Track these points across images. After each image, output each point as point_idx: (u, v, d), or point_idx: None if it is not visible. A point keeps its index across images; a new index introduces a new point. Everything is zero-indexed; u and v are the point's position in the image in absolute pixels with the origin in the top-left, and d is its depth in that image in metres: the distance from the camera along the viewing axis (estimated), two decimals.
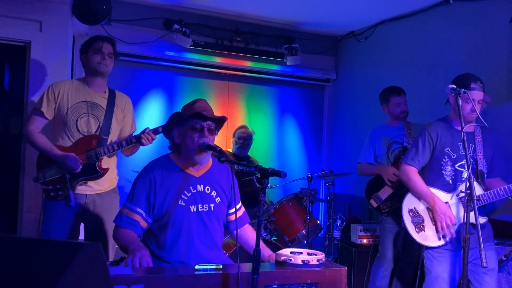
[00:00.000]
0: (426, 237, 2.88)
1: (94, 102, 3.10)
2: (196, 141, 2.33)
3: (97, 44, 3.08)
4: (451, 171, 2.84)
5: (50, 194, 3.01)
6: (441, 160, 2.86)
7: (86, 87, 3.11)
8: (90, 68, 3.10)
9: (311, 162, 5.81)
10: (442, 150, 2.85)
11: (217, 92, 5.40)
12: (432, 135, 2.89)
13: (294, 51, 5.32)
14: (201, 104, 2.42)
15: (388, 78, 4.91)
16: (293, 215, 3.98)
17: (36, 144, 3.01)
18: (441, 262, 2.83)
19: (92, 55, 3.07)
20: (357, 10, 4.81)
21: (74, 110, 3.04)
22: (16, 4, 3.73)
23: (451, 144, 2.85)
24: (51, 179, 3.00)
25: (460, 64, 4.14)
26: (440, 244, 2.83)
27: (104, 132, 3.10)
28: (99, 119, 3.09)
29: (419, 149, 2.92)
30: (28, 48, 3.81)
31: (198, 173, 2.43)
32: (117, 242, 2.34)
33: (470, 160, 2.48)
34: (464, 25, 4.14)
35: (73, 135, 3.03)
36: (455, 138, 2.85)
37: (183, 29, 4.78)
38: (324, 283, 2.09)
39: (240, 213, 2.61)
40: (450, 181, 2.85)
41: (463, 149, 2.75)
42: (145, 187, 2.34)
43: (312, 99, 5.94)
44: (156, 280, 1.86)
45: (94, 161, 3.03)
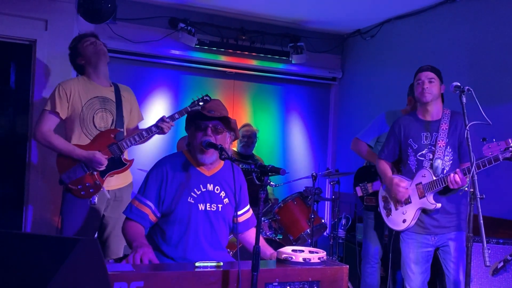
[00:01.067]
0: (392, 221, 3.12)
1: (105, 96, 3.15)
2: (199, 139, 2.34)
3: (82, 39, 3.18)
4: (413, 161, 3.00)
5: (81, 193, 3.01)
6: (406, 151, 3.04)
7: (92, 82, 3.15)
8: (90, 59, 3.14)
9: (317, 160, 5.79)
10: (406, 141, 3.04)
11: (223, 91, 5.41)
12: (395, 128, 3.10)
13: (299, 50, 5.31)
14: (211, 104, 2.46)
15: (394, 77, 4.89)
16: (297, 213, 3.98)
17: (55, 145, 3.01)
18: (408, 244, 3.03)
19: (85, 49, 3.13)
20: (363, 8, 4.80)
21: (89, 107, 3.08)
22: (22, 3, 3.75)
23: (414, 135, 3.01)
24: (78, 178, 3.01)
25: (466, 62, 4.11)
26: (403, 228, 3.02)
27: (119, 125, 3.16)
28: (112, 113, 3.15)
29: (386, 143, 3.17)
30: (33, 46, 3.83)
31: (209, 172, 2.44)
32: (124, 236, 2.35)
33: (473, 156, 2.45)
34: (470, 23, 4.12)
35: (91, 132, 3.07)
36: (418, 128, 3.01)
37: (189, 28, 4.79)
38: (326, 281, 2.07)
39: (247, 216, 2.62)
40: (414, 170, 3.01)
41: (425, 139, 2.98)
42: (157, 181, 2.37)
43: (318, 98, 5.93)
44: (156, 277, 1.85)
45: (118, 154, 3.08)
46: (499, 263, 3.09)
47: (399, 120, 3.12)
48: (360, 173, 3.84)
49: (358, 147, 3.79)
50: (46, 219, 3.78)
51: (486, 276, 3.11)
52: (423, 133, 2.99)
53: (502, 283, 3.10)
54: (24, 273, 1.33)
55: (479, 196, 2.33)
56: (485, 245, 2.22)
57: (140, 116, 3.43)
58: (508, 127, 3.63)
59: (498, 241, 3.16)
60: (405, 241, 3.06)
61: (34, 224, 3.77)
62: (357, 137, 3.81)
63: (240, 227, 2.55)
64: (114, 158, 3.08)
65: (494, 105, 3.19)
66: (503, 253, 3.12)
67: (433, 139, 2.96)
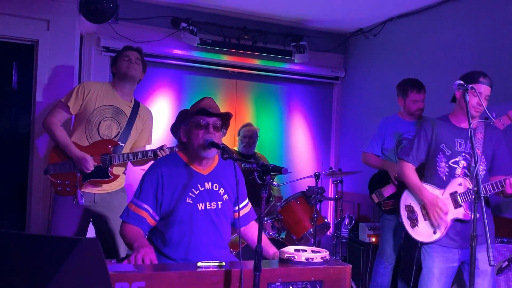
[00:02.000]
0: (419, 233, 2.92)
1: (120, 108, 3.20)
2: (201, 137, 2.33)
3: (124, 52, 3.25)
4: (445, 167, 2.85)
5: (58, 188, 3.08)
6: (436, 156, 2.88)
7: (114, 92, 3.22)
8: (119, 73, 3.22)
9: (320, 160, 5.77)
10: (437, 146, 2.87)
11: (225, 90, 5.40)
12: (427, 132, 2.92)
13: (302, 49, 5.29)
14: (207, 102, 2.43)
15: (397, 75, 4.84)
16: (300, 213, 3.96)
17: (56, 136, 3.08)
18: (433, 258, 2.85)
19: (120, 63, 3.21)
20: (366, 7, 4.78)
21: (100, 112, 3.13)
22: (24, 3, 3.75)
23: (447, 141, 2.86)
24: (62, 174, 3.06)
25: (470, 61, 4.09)
26: (433, 240, 2.84)
27: (122, 139, 3.18)
28: (120, 125, 3.18)
29: (414, 145, 2.96)
30: (35, 47, 3.84)
31: (206, 170, 2.44)
32: (123, 238, 2.35)
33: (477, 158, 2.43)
34: (474, 21, 4.10)
35: (93, 136, 3.11)
36: (453, 134, 2.86)
37: (191, 28, 4.78)
38: (328, 281, 2.07)
39: (246, 210, 2.62)
40: (444, 177, 2.86)
41: (459, 146, 2.82)
42: (152, 184, 2.35)
43: (321, 97, 5.91)
44: (158, 277, 1.85)
45: (107, 165, 3.10)
46: (503, 262, 3.08)
47: (431, 122, 2.96)
48: (373, 180, 3.89)
49: (367, 160, 3.88)
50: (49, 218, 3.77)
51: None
52: (457, 139, 2.85)
53: (507, 282, 3.09)
54: (25, 273, 1.32)
55: (483, 195, 2.31)
56: (490, 244, 2.20)
57: (149, 140, 3.46)
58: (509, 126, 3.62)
59: (502, 240, 3.16)
60: (429, 254, 2.88)
61: (37, 225, 3.78)
62: (364, 151, 3.91)
63: (241, 221, 2.55)
64: (101, 167, 3.10)
65: (497, 104, 3.16)
66: (508, 252, 3.12)
67: (468, 147, 2.82)
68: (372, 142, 3.85)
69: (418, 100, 3.71)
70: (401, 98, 3.79)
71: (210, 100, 2.47)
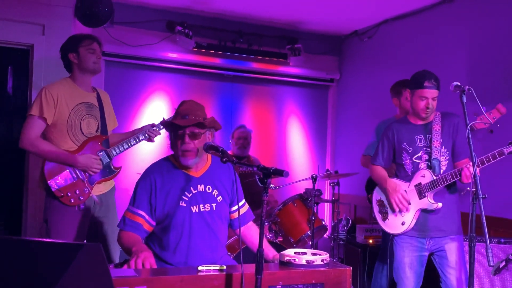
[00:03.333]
0: (389, 225, 3.06)
1: (90, 102, 3.10)
2: (179, 147, 2.36)
3: (88, 43, 3.06)
4: (409, 164, 2.99)
5: (70, 201, 2.93)
6: (401, 155, 3.02)
7: (77, 87, 3.08)
8: (85, 68, 3.06)
9: (316, 162, 5.79)
10: (400, 145, 3.02)
11: (221, 93, 5.41)
12: (388, 134, 3.08)
13: (297, 52, 5.31)
14: (185, 108, 2.41)
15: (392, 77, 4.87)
16: (297, 216, 3.97)
17: (44, 152, 2.92)
18: (402, 248, 2.98)
19: (86, 54, 3.05)
20: (360, 9, 4.80)
21: (76, 113, 3.02)
22: (19, 8, 3.75)
23: (407, 139, 3.00)
24: (67, 185, 2.94)
25: (464, 62, 4.12)
26: (402, 231, 2.97)
27: (103, 131, 3.13)
28: (97, 118, 3.11)
29: (379, 149, 3.14)
30: (31, 51, 3.84)
31: (198, 173, 2.44)
32: (121, 245, 2.35)
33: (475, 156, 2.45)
34: (468, 23, 4.13)
35: (78, 138, 3.01)
36: (411, 132, 3.01)
37: (186, 31, 4.78)
38: (329, 283, 2.07)
39: (243, 210, 2.61)
40: (410, 173, 2.99)
41: (419, 142, 2.96)
42: (145, 190, 2.36)
43: (316, 100, 5.93)
44: (159, 282, 1.85)
45: (108, 161, 3.07)
46: (501, 263, 3.10)
47: (391, 126, 3.11)
48: (371, 181, 3.88)
49: (366, 162, 3.87)
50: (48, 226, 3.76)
51: (488, 276, 3.12)
52: (416, 136, 2.98)
53: (504, 282, 3.11)
54: (29, 279, 1.33)
55: (481, 196, 2.33)
56: (489, 245, 2.21)
57: (115, 122, 3.38)
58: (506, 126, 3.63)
59: (500, 241, 3.17)
60: (399, 244, 3.02)
61: (33, 231, 3.76)
62: (363, 154, 3.94)
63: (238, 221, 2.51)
64: (103, 164, 3.05)
65: (493, 105, 3.18)
66: (505, 253, 3.13)
67: (427, 141, 2.96)
68: (372, 146, 3.83)
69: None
70: (396, 99, 3.81)
71: (187, 104, 2.44)
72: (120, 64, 4.73)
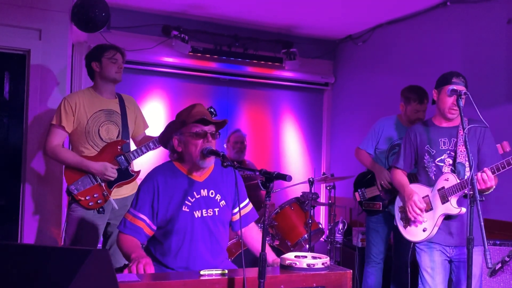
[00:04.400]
0: (410, 232, 2.96)
1: (110, 109, 3.19)
2: (199, 147, 2.32)
3: (111, 53, 3.19)
4: (432, 167, 2.91)
5: (89, 204, 3.05)
6: (423, 158, 2.95)
7: (98, 95, 3.20)
8: (106, 77, 3.18)
9: (311, 166, 5.82)
10: (423, 148, 2.95)
11: (217, 97, 5.43)
12: (411, 137, 3.02)
13: (292, 56, 5.35)
14: (199, 109, 2.40)
15: (386, 81, 4.94)
16: (295, 219, 3.98)
17: (64, 159, 3.07)
18: (427, 254, 2.89)
19: (108, 64, 3.16)
20: (354, 14, 4.85)
21: (94, 120, 3.12)
22: (15, 13, 3.73)
23: (430, 141, 2.93)
24: (86, 189, 3.05)
25: (458, 66, 4.14)
26: (423, 238, 2.88)
27: (125, 136, 3.20)
28: (118, 124, 3.19)
29: (401, 152, 3.07)
30: (27, 56, 3.81)
31: (201, 177, 2.43)
32: (120, 248, 2.34)
33: (472, 160, 2.48)
34: (462, 27, 4.18)
35: (97, 143, 3.11)
36: (435, 134, 2.93)
37: (182, 35, 4.80)
38: (330, 286, 2.08)
39: (246, 210, 2.61)
40: (433, 176, 2.90)
41: (443, 145, 2.88)
42: (148, 193, 2.34)
43: (311, 103, 5.97)
44: (162, 286, 1.86)
45: (126, 165, 3.14)
46: (497, 265, 3.13)
47: (414, 128, 3.04)
48: (359, 178, 3.94)
49: (360, 156, 3.91)
50: (44, 231, 3.74)
51: (484, 278, 3.14)
52: (440, 138, 2.90)
53: (500, 284, 3.14)
54: (39, 285, 1.34)
55: (478, 199, 2.35)
56: (487, 247, 2.23)
57: (145, 124, 3.48)
58: (499, 129, 3.67)
59: (495, 243, 3.20)
60: (423, 251, 2.91)
61: (30, 235, 3.74)
62: (358, 147, 3.94)
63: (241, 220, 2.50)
64: (121, 169, 3.12)
65: (486, 108, 3.23)
66: (500, 255, 3.16)
67: (452, 145, 2.87)
68: (367, 141, 3.87)
69: (420, 110, 3.65)
70: (403, 105, 3.74)
71: (201, 107, 2.45)
72: None
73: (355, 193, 3.87)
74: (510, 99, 3.72)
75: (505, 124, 3.68)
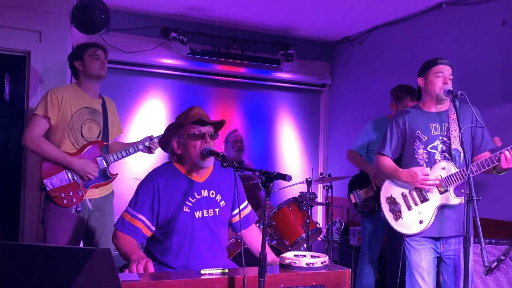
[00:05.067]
0: (404, 224, 2.80)
1: (94, 108, 3.17)
2: (198, 148, 2.35)
3: (92, 50, 3.17)
4: (423, 153, 2.78)
5: (63, 202, 2.99)
6: (413, 144, 2.82)
7: (83, 93, 3.16)
8: (90, 74, 3.15)
9: (308, 166, 5.85)
10: (413, 134, 2.82)
11: (215, 98, 5.46)
12: (399, 122, 2.88)
13: (290, 57, 5.38)
14: (197, 111, 2.43)
15: (383, 82, 4.97)
16: (292, 219, 4.00)
17: (45, 152, 2.97)
18: (418, 251, 2.77)
19: (90, 60, 3.14)
20: (351, 16, 4.88)
21: (79, 116, 3.09)
22: (16, 15, 3.76)
23: (421, 127, 2.81)
24: (62, 186, 2.99)
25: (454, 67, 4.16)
26: (420, 230, 2.73)
27: (105, 138, 3.18)
28: (99, 124, 3.16)
29: (387, 137, 2.92)
30: (28, 58, 3.84)
31: (202, 178, 2.44)
32: (118, 248, 2.33)
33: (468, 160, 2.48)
34: (457, 29, 4.21)
35: (78, 141, 3.07)
36: (425, 119, 2.82)
37: (181, 37, 4.82)
38: (329, 285, 2.10)
39: (246, 212, 2.63)
40: (424, 164, 2.77)
41: (434, 130, 2.77)
42: (148, 194, 2.35)
43: (308, 104, 6.00)
44: (163, 285, 1.87)
45: (105, 167, 3.10)
46: (492, 263, 3.15)
47: (402, 113, 2.91)
48: (353, 180, 3.97)
49: (352, 158, 3.94)
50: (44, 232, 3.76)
51: (480, 276, 3.18)
52: (431, 123, 2.79)
53: (496, 282, 3.16)
54: (41, 285, 1.33)
55: (475, 198, 2.35)
56: (483, 245, 2.25)
57: (120, 129, 3.46)
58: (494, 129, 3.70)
59: (491, 241, 3.21)
60: (413, 247, 2.79)
61: (30, 236, 3.76)
62: (350, 149, 3.97)
63: (242, 223, 2.52)
64: (99, 170, 3.09)
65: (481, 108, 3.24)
66: (496, 253, 3.17)
67: (443, 130, 2.76)
68: (359, 142, 3.90)
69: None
70: (393, 104, 3.79)
71: (199, 109, 2.47)
72: (116, 70, 4.75)
73: (350, 195, 3.87)
74: (505, 99, 3.75)
75: (499, 124, 3.70)
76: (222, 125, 2.50)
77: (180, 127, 2.39)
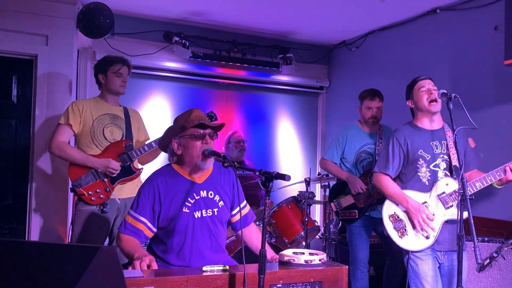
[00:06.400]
0: (410, 241, 2.79)
1: (115, 114, 3.31)
2: (199, 148, 2.40)
3: (117, 67, 3.29)
4: (426, 172, 2.80)
5: (91, 199, 3.14)
6: (416, 163, 2.81)
7: (104, 102, 3.32)
8: (111, 89, 3.31)
9: (307, 166, 5.91)
10: (415, 153, 2.81)
11: (216, 100, 5.51)
12: (400, 141, 2.86)
13: (288, 61, 5.45)
14: (197, 114, 2.47)
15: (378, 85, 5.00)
16: (291, 217, 4.06)
17: (70, 155, 3.16)
18: (426, 261, 2.77)
19: (112, 77, 3.28)
20: (348, 20, 4.93)
21: (99, 122, 3.24)
22: (23, 19, 3.81)
23: (423, 146, 2.81)
24: (89, 185, 3.14)
25: (448, 71, 4.23)
26: (427, 246, 2.75)
27: (128, 138, 3.31)
28: (121, 127, 3.30)
29: (389, 157, 2.89)
30: (35, 61, 3.89)
31: (201, 179, 2.49)
32: (121, 248, 2.38)
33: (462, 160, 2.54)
34: (451, 33, 4.25)
35: (101, 143, 3.21)
36: (426, 138, 2.83)
37: (183, 41, 4.87)
38: (327, 282, 2.14)
39: (245, 211, 2.65)
40: (426, 182, 2.80)
41: (436, 148, 2.81)
42: (149, 197, 2.40)
43: (307, 106, 6.06)
44: (166, 282, 1.91)
45: (128, 163, 3.23)
46: (485, 260, 3.15)
47: (401, 132, 2.89)
48: (333, 189, 3.93)
49: (326, 166, 3.91)
50: (50, 229, 3.82)
51: (473, 273, 3.20)
52: (432, 142, 2.81)
53: (488, 279, 3.19)
54: (47, 282, 1.34)
55: (468, 197, 2.40)
56: (477, 243, 2.29)
57: (146, 136, 3.56)
58: (487, 133, 3.76)
59: (483, 239, 3.24)
60: (419, 258, 2.77)
61: (37, 234, 3.80)
62: (322, 157, 3.98)
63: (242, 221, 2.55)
64: (124, 166, 3.21)
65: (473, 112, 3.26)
66: (488, 251, 3.19)
67: (443, 147, 2.80)
68: (332, 151, 3.88)
69: (372, 107, 3.75)
70: (359, 107, 3.88)
71: (199, 111, 2.50)
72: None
73: (331, 204, 3.83)
74: (497, 102, 3.79)
75: (492, 127, 3.77)
76: (221, 128, 2.55)
77: (181, 130, 2.44)
